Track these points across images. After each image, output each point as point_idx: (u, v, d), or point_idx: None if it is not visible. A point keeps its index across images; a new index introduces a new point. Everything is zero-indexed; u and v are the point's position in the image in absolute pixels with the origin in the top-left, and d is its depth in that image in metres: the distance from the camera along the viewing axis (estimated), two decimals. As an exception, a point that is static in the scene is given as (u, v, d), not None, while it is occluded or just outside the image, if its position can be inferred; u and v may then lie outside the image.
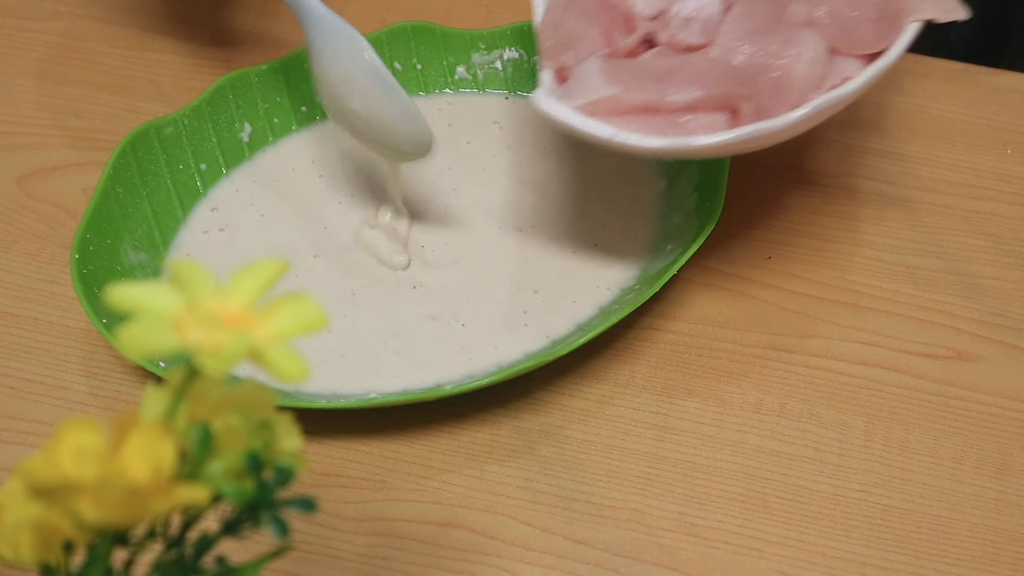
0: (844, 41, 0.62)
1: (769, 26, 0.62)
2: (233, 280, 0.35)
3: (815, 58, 0.61)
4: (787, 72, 0.61)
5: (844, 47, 0.62)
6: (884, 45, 0.61)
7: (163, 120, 0.70)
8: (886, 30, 0.61)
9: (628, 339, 0.65)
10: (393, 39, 0.75)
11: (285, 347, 0.34)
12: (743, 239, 0.70)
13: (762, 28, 0.62)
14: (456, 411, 0.63)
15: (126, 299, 0.34)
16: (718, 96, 0.60)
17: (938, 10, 0.61)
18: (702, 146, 0.59)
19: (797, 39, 0.61)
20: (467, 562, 0.58)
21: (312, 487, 0.59)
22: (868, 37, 0.62)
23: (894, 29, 0.61)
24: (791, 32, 0.62)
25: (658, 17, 0.65)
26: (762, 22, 0.63)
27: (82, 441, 0.34)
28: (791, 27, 0.62)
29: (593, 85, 0.60)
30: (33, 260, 0.69)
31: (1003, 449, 0.62)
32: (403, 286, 0.67)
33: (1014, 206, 0.72)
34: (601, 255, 0.68)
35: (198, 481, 0.35)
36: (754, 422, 0.62)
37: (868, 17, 0.62)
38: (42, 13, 0.81)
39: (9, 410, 0.63)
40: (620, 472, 0.61)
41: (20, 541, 0.36)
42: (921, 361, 0.65)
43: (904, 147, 0.74)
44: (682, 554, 0.58)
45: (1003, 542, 0.58)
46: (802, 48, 0.61)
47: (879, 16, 0.62)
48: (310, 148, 0.73)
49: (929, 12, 0.61)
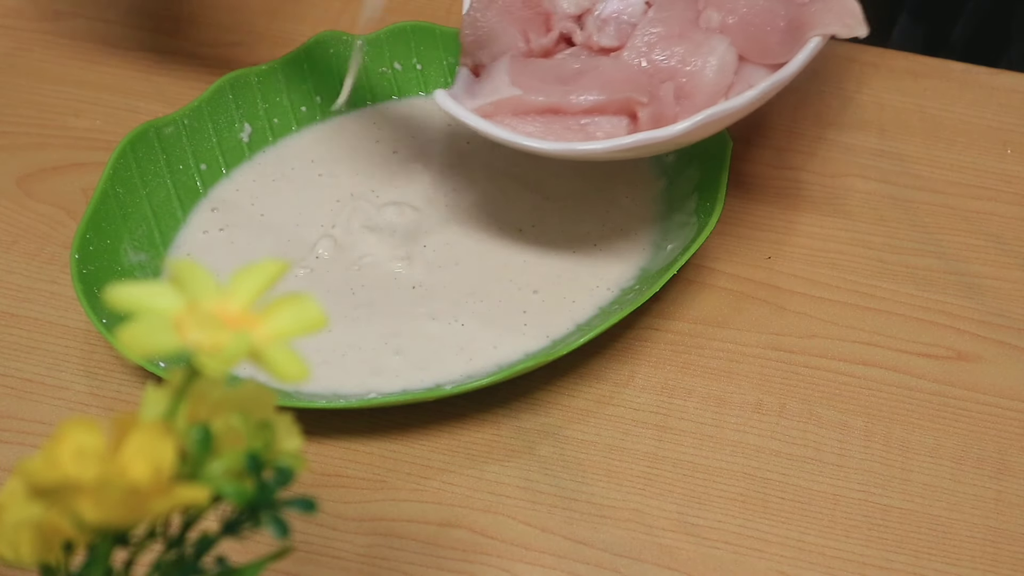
0: (752, 50, 0.63)
1: (682, 31, 0.64)
2: (233, 280, 0.35)
3: (723, 65, 0.62)
4: (693, 79, 0.62)
5: (752, 56, 0.63)
6: (789, 57, 0.62)
7: (163, 120, 0.70)
8: (791, 42, 0.62)
9: (628, 339, 0.65)
10: (393, 39, 0.75)
11: (285, 347, 0.34)
12: (743, 239, 0.70)
13: (675, 33, 0.64)
14: (456, 411, 0.63)
15: (126, 299, 0.34)
16: (619, 101, 0.61)
17: (840, 26, 0.62)
18: (590, 151, 0.60)
19: (707, 46, 0.63)
20: (467, 562, 0.58)
21: (312, 487, 0.59)
22: (775, 47, 0.63)
23: (798, 42, 0.62)
24: (702, 38, 0.63)
25: (581, 17, 0.66)
26: (675, 27, 0.64)
27: (82, 441, 0.34)
28: (703, 33, 0.63)
29: (497, 85, 0.62)
30: (33, 260, 0.69)
31: (1003, 449, 0.62)
32: (403, 286, 0.67)
33: (1014, 206, 0.72)
34: (601, 255, 0.68)
35: (198, 481, 0.35)
36: (754, 422, 0.62)
37: (777, 28, 0.63)
38: (42, 13, 0.81)
39: (9, 410, 0.63)
40: (620, 472, 0.61)
41: (20, 541, 0.36)
42: (921, 361, 0.65)
43: (904, 147, 0.74)
44: (682, 554, 0.58)
45: (1003, 542, 0.58)
46: (710, 55, 0.62)
47: (787, 27, 0.63)
48: (310, 148, 0.73)
49: (831, 27, 0.62)
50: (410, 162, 0.72)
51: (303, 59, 0.73)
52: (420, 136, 0.73)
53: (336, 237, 0.69)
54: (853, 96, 0.77)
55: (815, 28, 0.62)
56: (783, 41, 0.63)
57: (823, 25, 0.61)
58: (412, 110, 0.75)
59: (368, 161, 0.72)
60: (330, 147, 0.73)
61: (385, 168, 0.72)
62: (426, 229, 0.69)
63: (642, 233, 0.69)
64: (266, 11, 0.81)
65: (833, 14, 0.61)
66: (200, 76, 0.77)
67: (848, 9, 0.61)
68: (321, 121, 0.74)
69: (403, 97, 0.75)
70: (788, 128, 0.75)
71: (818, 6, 0.62)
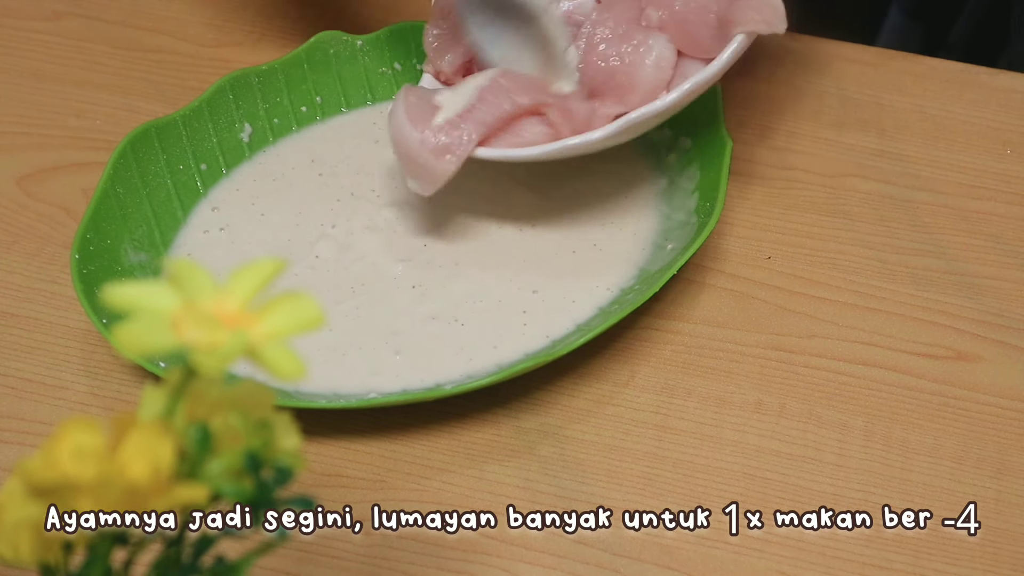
0: (688, 45, 0.66)
1: (625, 30, 0.66)
2: (231, 279, 0.35)
3: (660, 61, 0.65)
4: (632, 75, 0.65)
5: (688, 50, 0.66)
6: (719, 52, 0.64)
7: (163, 120, 0.70)
8: (721, 37, 0.64)
9: (628, 339, 0.65)
10: (393, 39, 0.75)
11: (282, 346, 0.34)
12: (743, 239, 0.70)
13: (618, 33, 0.66)
14: (456, 411, 0.63)
15: (124, 299, 0.34)
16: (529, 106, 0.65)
17: (763, 24, 0.63)
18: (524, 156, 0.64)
19: (646, 44, 0.65)
20: (467, 562, 0.58)
21: (312, 487, 0.59)
22: (707, 42, 0.65)
23: (726, 38, 0.64)
24: (642, 36, 0.65)
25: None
26: (619, 26, 0.66)
27: (82, 441, 0.34)
28: (643, 31, 0.66)
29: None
30: (33, 260, 0.69)
31: (1003, 449, 0.62)
32: (403, 286, 0.67)
33: (1014, 206, 0.71)
34: (601, 255, 0.68)
35: (197, 480, 0.35)
36: (754, 422, 0.62)
37: (708, 23, 0.65)
38: (42, 13, 0.81)
39: (9, 410, 0.63)
40: (620, 472, 0.61)
41: (20, 541, 0.36)
42: (921, 361, 0.65)
43: (904, 147, 0.74)
44: (682, 554, 0.58)
45: (1003, 542, 0.58)
46: (648, 53, 0.65)
47: (717, 23, 0.64)
48: (310, 148, 0.73)
49: (753, 24, 0.63)
50: None
51: (303, 59, 0.73)
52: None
53: (336, 237, 0.69)
54: (853, 96, 0.77)
55: (739, 25, 0.63)
56: (714, 37, 0.65)
57: (746, 22, 0.63)
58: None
59: (368, 161, 0.72)
60: (330, 147, 0.73)
61: (385, 168, 0.72)
62: (426, 229, 0.69)
63: (642, 233, 0.69)
64: (266, 11, 0.81)
65: (755, 11, 0.63)
66: (200, 76, 0.77)
67: (771, 6, 0.63)
68: (321, 121, 0.74)
69: (403, 97, 0.75)
70: (788, 128, 0.75)
71: (742, 3, 0.64)
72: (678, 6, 0.66)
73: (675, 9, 0.65)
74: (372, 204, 0.70)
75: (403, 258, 0.68)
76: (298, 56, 0.73)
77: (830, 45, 0.79)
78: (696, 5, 0.65)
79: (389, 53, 0.75)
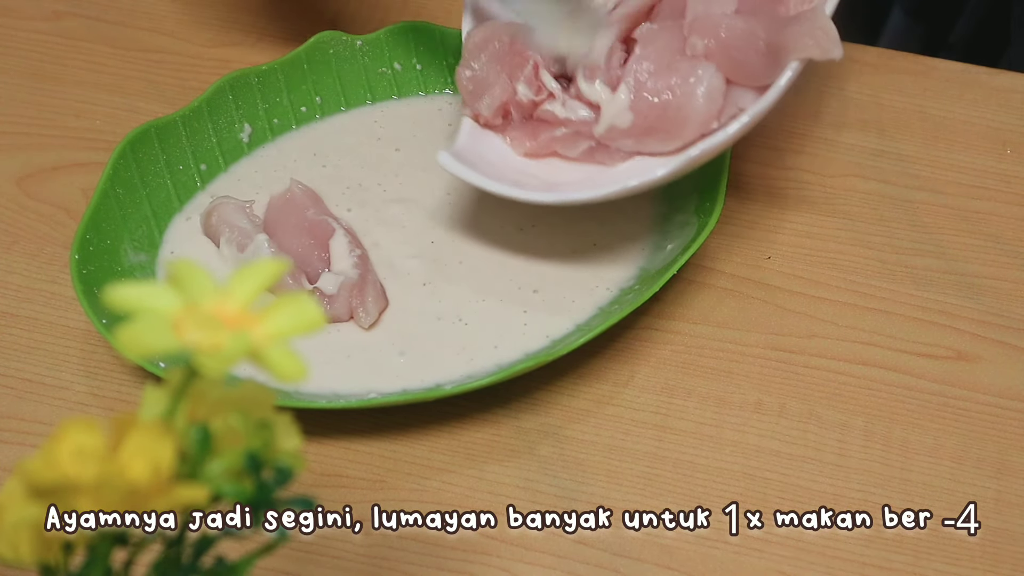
0: (737, 73, 0.64)
1: (670, 62, 0.65)
2: (232, 280, 0.35)
3: (711, 92, 0.63)
4: (684, 108, 0.64)
5: (738, 78, 0.64)
6: (772, 79, 0.63)
7: (163, 120, 0.70)
8: (773, 64, 0.63)
9: (628, 339, 0.65)
10: (393, 39, 0.75)
11: (284, 347, 0.34)
12: (743, 239, 0.70)
13: (664, 64, 0.65)
14: (456, 411, 0.63)
15: (126, 299, 0.34)
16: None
17: (818, 50, 0.62)
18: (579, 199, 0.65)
19: (695, 74, 0.64)
20: (467, 562, 0.58)
21: (312, 487, 0.59)
22: (758, 70, 0.64)
23: (779, 65, 0.63)
24: (688, 67, 0.64)
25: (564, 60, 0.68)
26: (664, 58, 0.65)
27: (82, 441, 0.34)
28: (689, 61, 0.64)
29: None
30: (33, 260, 0.69)
31: (1003, 449, 0.62)
32: (415, 283, 0.67)
33: (1014, 206, 0.71)
34: (601, 255, 0.68)
35: (197, 481, 0.35)
36: (754, 422, 0.62)
37: (758, 50, 0.63)
38: (42, 13, 0.81)
39: (9, 410, 0.63)
40: (620, 472, 0.61)
41: (20, 541, 0.36)
42: (921, 361, 0.65)
43: (904, 147, 0.74)
44: (682, 554, 0.58)
45: (1003, 542, 0.58)
46: (699, 84, 0.63)
47: (768, 50, 0.63)
48: (311, 144, 0.73)
49: (809, 51, 0.62)
50: (413, 160, 0.72)
51: (303, 59, 0.73)
52: (421, 135, 0.73)
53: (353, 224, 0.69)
54: (853, 96, 0.77)
55: (793, 52, 0.62)
56: (765, 64, 0.63)
57: (801, 49, 0.62)
58: (413, 110, 0.75)
59: (371, 155, 0.72)
60: (332, 143, 0.73)
61: (388, 164, 0.72)
62: (432, 225, 0.69)
63: (642, 233, 0.69)
64: (266, 11, 0.81)
65: (810, 37, 0.62)
66: (200, 76, 0.77)
67: (825, 32, 0.62)
68: (321, 119, 0.74)
69: (403, 97, 0.75)
70: (788, 128, 0.75)
71: (795, 29, 0.62)
72: (723, 33, 0.64)
73: (721, 36, 0.64)
74: (379, 198, 0.70)
75: (414, 255, 0.68)
76: (298, 56, 0.73)
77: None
78: (743, 31, 0.64)
79: (389, 53, 0.75)
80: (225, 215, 0.67)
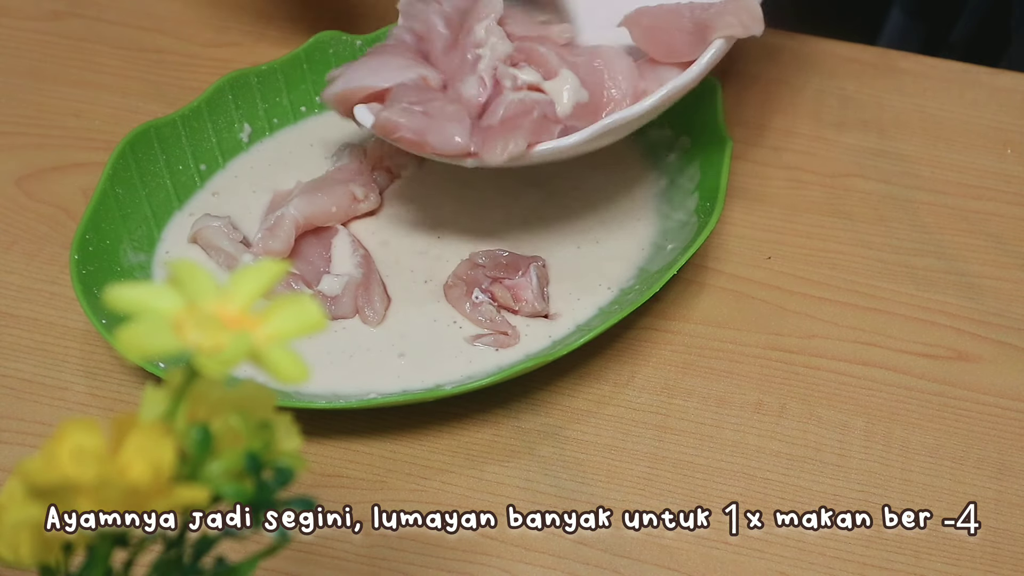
0: (662, 52, 0.66)
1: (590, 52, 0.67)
2: (232, 281, 0.35)
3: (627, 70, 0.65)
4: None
5: (664, 57, 0.66)
6: (696, 55, 0.64)
7: (163, 120, 0.70)
8: (697, 43, 0.65)
9: (628, 339, 0.65)
10: (393, 39, 0.75)
11: (285, 348, 0.34)
12: (743, 239, 0.70)
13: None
14: (456, 412, 0.63)
15: (126, 300, 0.34)
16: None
17: (739, 27, 0.64)
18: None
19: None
20: (467, 562, 0.58)
21: (312, 487, 0.59)
22: (683, 48, 0.66)
23: (703, 43, 0.65)
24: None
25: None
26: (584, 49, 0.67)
27: (82, 441, 0.34)
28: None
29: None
30: (33, 260, 0.69)
31: (1003, 449, 0.62)
32: (417, 280, 0.67)
33: (1014, 206, 0.71)
34: (601, 254, 0.68)
35: (198, 482, 0.35)
36: (754, 422, 0.62)
37: (682, 28, 0.66)
38: (42, 13, 0.81)
39: (9, 410, 0.63)
40: (620, 472, 0.61)
41: (20, 541, 0.36)
42: (921, 361, 0.65)
43: (904, 147, 0.74)
44: (682, 554, 0.58)
45: (1003, 542, 0.58)
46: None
47: (693, 28, 0.65)
48: (309, 135, 0.73)
49: (731, 29, 0.64)
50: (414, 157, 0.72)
51: (303, 59, 0.73)
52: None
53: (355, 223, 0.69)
54: (853, 96, 0.77)
55: (717, 30, 0.64)
56: (691, 42, 0.65)
57: (724, 27, 0.64)
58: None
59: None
60: (331, 134, 0.73)
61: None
62: (438, 223, 0.69)
63: (642, 233, 0.69)
64: (266, 11, 0.81)
65: (733, 15, 0.64)
66: (200, 76, 0.77)
67: (747, 10, 0.64)
68: (320, 115, 0.74)
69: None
70: (788, 128, 0.75)
71: (718, 8, 0.65)
72: (646, 21, 0.67)
73: (652, 17, 0.66)
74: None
75: (420, 252, 0.68)
76: (297, 56, 0.73)
77: (830, 45, 0.79)
78: (668, 11, 0.66)
79: (389, 53, 0.75)
80: (208, 239, 0.67)
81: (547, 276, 0.66)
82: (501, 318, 0.64)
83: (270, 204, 0.69)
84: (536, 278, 0.65)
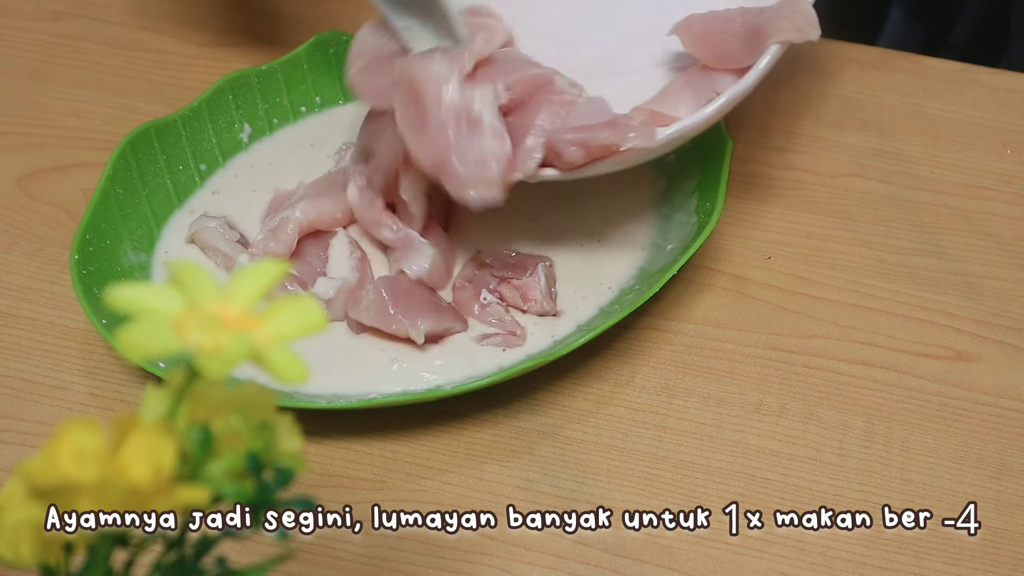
0: (714, 58, 0.65)
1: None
2: (233, 281, 0.35)
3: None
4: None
5: (717, 63, 0.65)
6: (751, 61, 0.63)
7: (163, 120, 0.70)
8: (752, 48, 0.63)
9: (628, 339, 0.65)
10: (393, 39, 0.75)
11: (286, 348, 0.34)
12: (743, 239, 0.70)
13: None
14: (456, 412, 0.63)
15: (127, 300, 0.34)
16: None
17: (796, 32, 0.62)
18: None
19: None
20: (467, 562, 0.58)
21: (312, 487, 0.59)
22: (736, 54, 0.64)
23: (758, 48, 0.63)
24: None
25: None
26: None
27: (82, 442, 0.34)
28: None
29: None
30: (33, 260, 0.69)
31: (1003, 449, 0.62)
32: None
33: (1014, 206, 0.71)
34: (601, 254, 0.68)
35: (198, 482, 0.35)
36: (754, 422, 0.62)
37: (734, 33, 0.64)
38: (42, 13, 0.81)
39: (9, 410, 0.63)
40: (620, 472, 0.61)
41: (20, 541, 0.36)
42: (921, 361, 0.65)
43: (904, 147, 0.74)
44: (682, 554, 0.58)
45: (1003, 542, 0.58)
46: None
47: (746, 34, 0.64)
48: (309, 135, 0.73)
49: (787, 34, 0.62)
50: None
51: (303, 59, 0.73)
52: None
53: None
54: (853, 96, 0.77)
55: (772, 35, 0.62)
56: (743, 48, 0.64)
57: (779, 32, 0.62)
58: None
59: None
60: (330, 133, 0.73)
61: None
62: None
63: (642, 233, 0.69)
64: (266, 11, 0.81)
65: (787, 20, 0.62)
66: (200, 76, 0.77)
67: (802, 14, 0.63)
68: (320, 112, 0.74)
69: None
70: (788, 128, 0.75)
71: (772, 13, 0.63)
72: (696, 27, 0.65)
73: (702, 23, 0.65)
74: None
75: None
76: (298, 56, 0.73)
77: (830, 45, 0.79)
78: (719, 17, 0.65)
79: (389, 53, 0.75)
80: (204, 240, 0.67)
81: (554, 276, 0.66)
82: (511, 318, 0.64)
83: (271, 204, 0.69)
84: (544, 278, 0.65)
